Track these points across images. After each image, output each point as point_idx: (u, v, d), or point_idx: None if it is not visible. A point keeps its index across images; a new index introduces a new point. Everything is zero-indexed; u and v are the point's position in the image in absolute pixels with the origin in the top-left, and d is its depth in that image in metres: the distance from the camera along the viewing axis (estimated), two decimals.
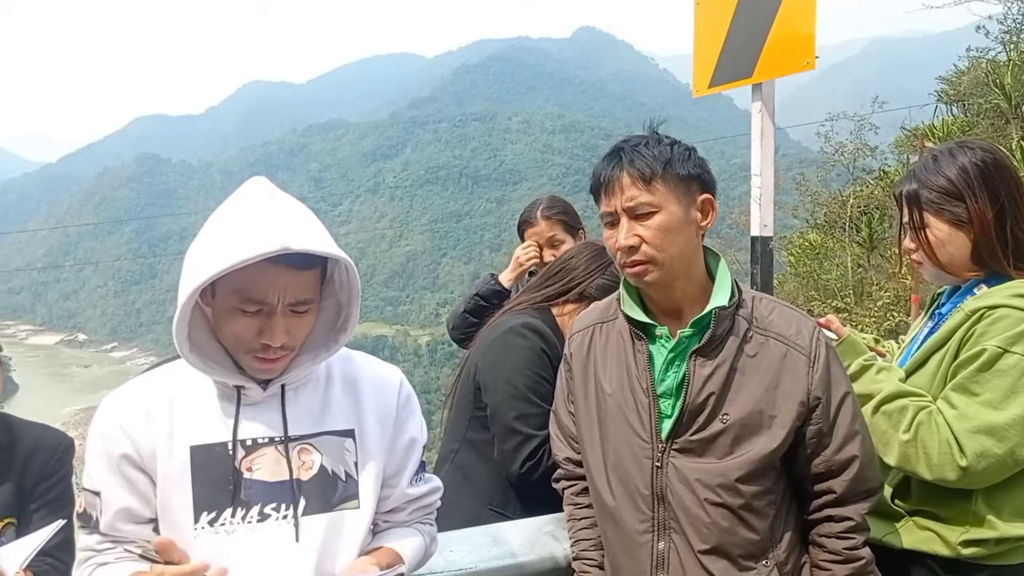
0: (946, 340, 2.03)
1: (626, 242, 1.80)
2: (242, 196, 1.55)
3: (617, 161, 1.85)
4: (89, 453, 1.59)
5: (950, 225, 2.07)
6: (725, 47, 3.20)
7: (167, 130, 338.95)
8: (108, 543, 1.58)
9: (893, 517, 2.13)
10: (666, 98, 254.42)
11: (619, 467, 1.91)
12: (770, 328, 1.85)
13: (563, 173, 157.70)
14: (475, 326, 3.36)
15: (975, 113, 19.54)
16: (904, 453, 1.96)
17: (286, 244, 1.41)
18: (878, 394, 2.02)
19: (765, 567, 1.83)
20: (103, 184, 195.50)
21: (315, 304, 1.58)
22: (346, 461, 1.64)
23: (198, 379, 1.60)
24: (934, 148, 2.20)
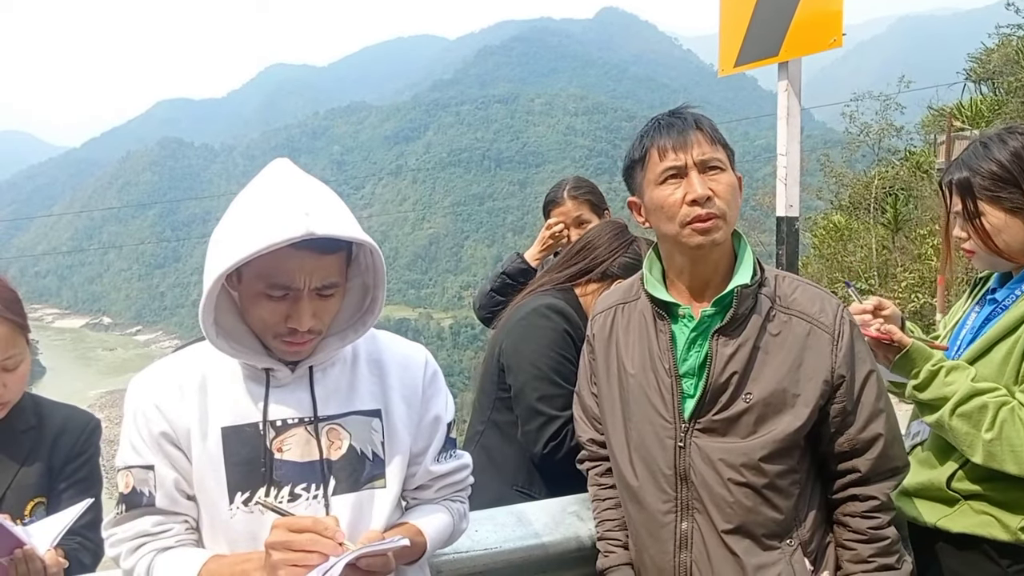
0: (1014, 328, 1.99)
1: (703, 191, 1.77)
2: (265, 179, 1.55)
3: (682, 120, 1.85)
4: (129, 430, 1.59)
5: (1006, 212, 2.03)
6: (751, 25, 3.16)
7: (189, 113, 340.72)
8: (164, 524, 1.58)
9: (948, 501, 2.10)
10: (690, 79, 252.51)
11: (642, 447, 1.90)
12: (793, 306, 1.84)
13: (586, 155, 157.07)
14: (501, 304, 3.36)
15: (1005, 91, 19.26)
16: (990, 452, 1.91)
17: (310, 229, 1.41)
18: (952, 396, 1.97)
19: (789, 546, 1.82)
20: (126, 168, 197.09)
21: (341, 287, 1.58)
22: (373, 441, 1.66)
23: (227, 360, 1.61)
24: (981, 134, 2.16)
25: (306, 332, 1.53)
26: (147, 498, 1.56)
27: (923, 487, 2.15)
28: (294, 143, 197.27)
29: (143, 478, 1.56)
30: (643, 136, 1.90)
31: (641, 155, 1.88)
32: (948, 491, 2.09)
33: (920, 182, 20.41)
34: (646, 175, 1.86)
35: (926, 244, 17.91)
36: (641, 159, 1.88)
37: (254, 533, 1.54)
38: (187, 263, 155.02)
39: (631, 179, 1.95)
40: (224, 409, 1.58)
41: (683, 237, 1.80)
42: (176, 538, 1.58)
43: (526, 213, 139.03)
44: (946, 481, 2.10)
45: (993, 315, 2.13)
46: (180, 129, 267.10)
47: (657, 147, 1.83)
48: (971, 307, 2.28)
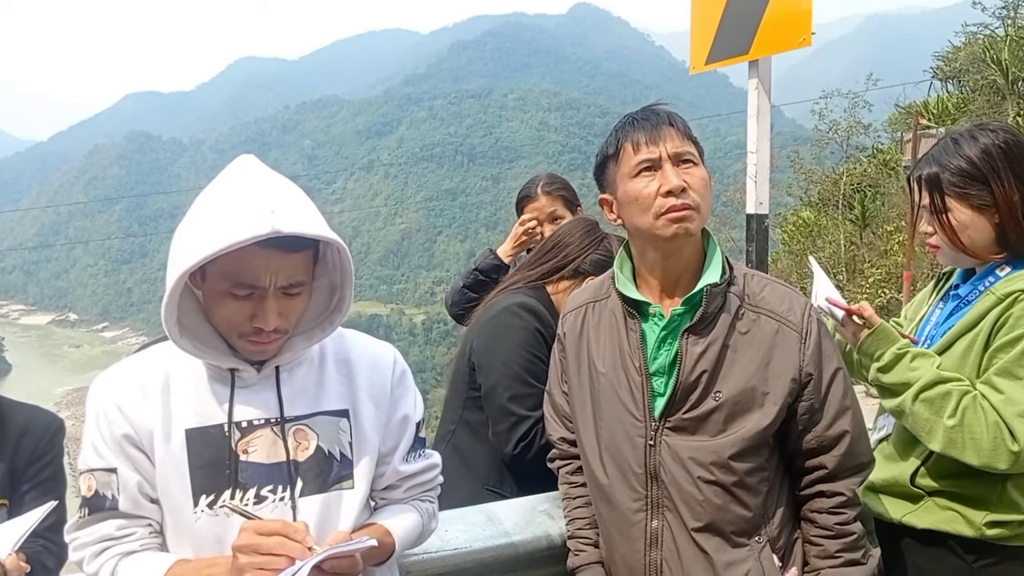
0: (975, 323, 2.01)
1: (678, 181, 1.78)
2: (230, 176, 1.52)
3: (656, 115, 1.87)
4: (91, 432, 1.56)
5: (973, 209, 2.04)
6: (722, 24, 3.18)
7: (158, 107, 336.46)
8: (128, 528, 1.55)
9: (912, 498, 2.12)
10: (662, 75, 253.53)
11: (612, 446, 1.91)
12: (762, 305, 1.85)
13: (559, 151, 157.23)
14: (474, 301, 3.35)
15: (971, 89, 19.54)
16: (950, 439, 1.93)
17: (276, 227, 1.39)
18: (916, 382, 1.99)
19: (758, 543, 1.83)
20: (94, 162, 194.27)
21: (308, 286, 1.56)
22: (341, 441, 1.64)
23: (191, 360, 1.58)
24: (953, 130, 2.17)
25: (272, 331, 1.50)
26: (110, 501, 1.53)
27: (888, 483, 2.17)
28: (264, 137, 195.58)
29: (106, 481, 1.53)
30: (616, 132, 1.91)
31: (615, 150, 1.89)
32: (912, 487, 2.11)
33: (887, 179, 20.68)
34: (620, 169, 1.87)
35: (893, 240, 18.15)
36: (615, 154, 1.89)
37: (219, 536, 1.52)
38: (154, 259, 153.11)
39: (603, 175, 1.96)
40: (188, 410, 1.55)
41: (657, 228, 1.80)
42: (140, 542, 1.55)
43: (499, 209, 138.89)
44: (910, 477, 2.11)
45: (956, 311, 2.15)
46: (148, 123, 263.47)
47: (631, 141, 1.85)
48: (935, 303, 2.30)
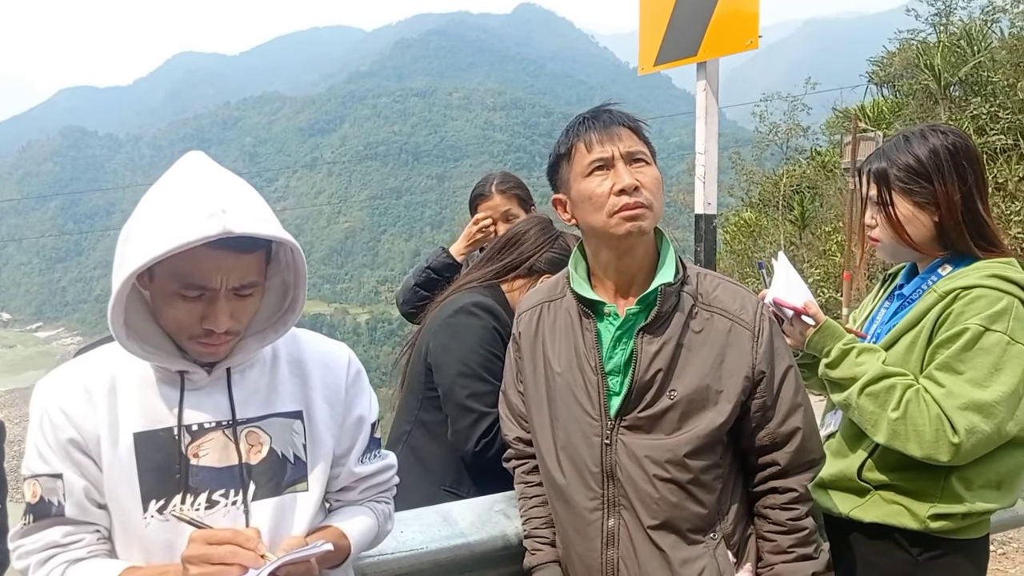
0: (918, 321, 2.07)
1: (631, 180, 1.80)
2: (178, 173, 1.48)
3: (608, 115, 1.89)
4: (35, 437, 1.51)
5: (915, 205, 2.12)
6: (670, 26, 3.22)
7: (94, 102, 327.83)
8: (75, 534, 1.50)
9: (859, 492, 2.17)
10: (606, 76, 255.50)
11: (569, 446, 1.91)
12: (715, 304, 1.87)
13: (504, 150, 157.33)
14: (425, 299, 3.32)
15: (905, 94, 20.05)
16: (893, 431, 1.98)
17: (227, 227, 1.35)
18: (862, 376, 2.04)
19: (713, 540, 1.86)
20: (27, 158, 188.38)
21: (260, 286, 1.52)
22: (294, 443, 1.61)
23: (138, 362, 1.54)
24: (906, 130, 2.24)
25: (223, 334, 1.47)
26: (56, 508, 1.48)
27: (835, 478, 2.21)
28: (204, 133, 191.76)
29: (51, 487, 1.48)
30: (568, 132, 1.92)
31: (567, 150, 1.90)
32: (859, 481, 2.16)
33: (825, 181, 21.10)
34: (572, 169, 1.88)
35: (831, 241, 18.52)
36: (567, 154, 1.90)
37: (170, 542, 1.48)
38: (90, 257, 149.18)
39: (556, 176, 1.96)
40: (136, 414, 1.51)
41: (611, 227, 1.82)
42: (87, 548, 1.50)
43: (444, 207, 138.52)
44: (856, 471, 2.16)
45: (901, 309, 2.22)
46: (84, 118, 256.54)
47: (584, 140, 1.86)
48: (881, 302, 2.36)
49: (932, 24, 19.49)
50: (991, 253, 2.11)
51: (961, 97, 17.17)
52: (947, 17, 19.23)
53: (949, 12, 19.25)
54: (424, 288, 3.37)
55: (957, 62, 16.75)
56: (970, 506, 2.04)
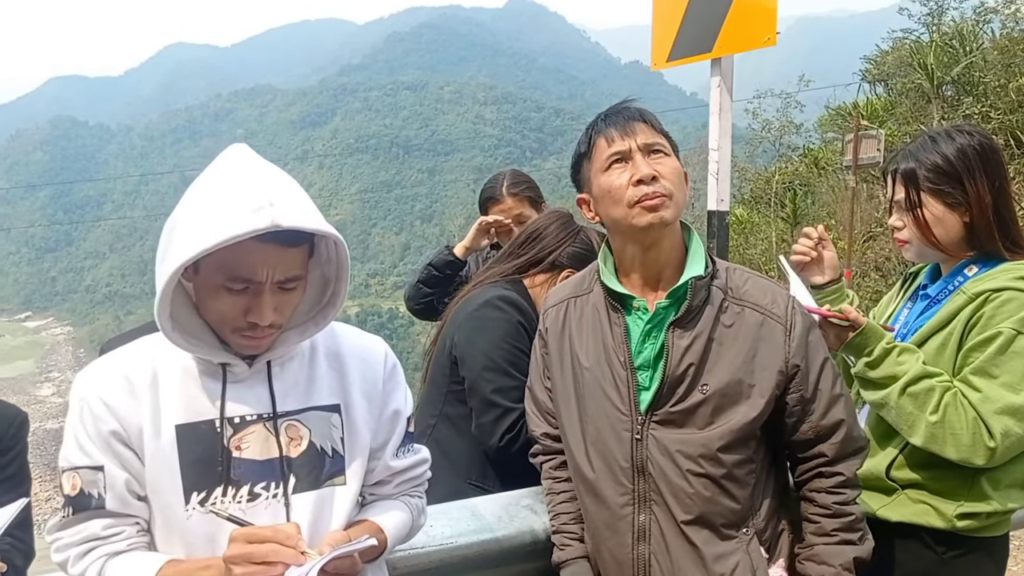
0: (947, 322, 2.08)
1: (648, 170, 1.80)
2: (224, 165, 1.48)
3: (627, 111, 1.90)
4: (76, 428, 1.50)
5: (945, 206, 2.12)
6: (684, 20, 3.21)
7: (84, 91, 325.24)
8: (115, 527, 1.50)
9: (886, 491, 2.18)
10: (598, 71, 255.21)
11: (598, 441, 1.91)
12: (745, 298, 1.87)
13: (495, 144, 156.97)
14: (429, 296, 3.34)
15: (898, 92, 20.12)
16: (932, 434, 1.99)
17: (275, 221, 1.36)
18: (903, 375, 2.04)
19: (745, 535, 1.85)
20: (15, 147, 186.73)
21: (303, 280, 1.53)
22: (333, 437, 1.61)
23: (179, 354, 1.54)
24: (930, 130, 2.24)
25: (267, 327, 1.47)
26: (96, 500, 1.47)
27: (862, 477, 2.16)
28: (195, 125, 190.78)
29: (92, 479, 1.47)
30: (589, 130, 1.93)
31: (587, 148, 1.91)
32: (887, 480, 2.16)
33: (818, 178, 21.17)
34: (592, 165, 1.89)
35: None
36: (587, 152, 1.91)
37: (212, 535, 1.48)
38: (80, 247, 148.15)
39: (578, 176, 1.97)
40: (177, 406, 1.51)
41: (632, 218, 1.82)
42: (128, 541, 1.50)
43: (435, 201, 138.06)
44: (885, 469, 2.17)
45: (927, 310, 2.22)
46: (74, 107, 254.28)
47: (603, 136, 1.87)
48: (903, 303, 2.36)
49: (925, 24, 19.58)
50: (1017, 254, 2.11)
51: (953, 96, 17.26)
52: (939, 17, 19.32)
53: (941, 12, 19.34)
54: (427, 285, 3.41)
55: (949, 62, 16.85)
56: (997, 505, 2.05)
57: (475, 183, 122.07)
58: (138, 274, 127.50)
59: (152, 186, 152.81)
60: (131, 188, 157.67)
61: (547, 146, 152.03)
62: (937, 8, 19.28)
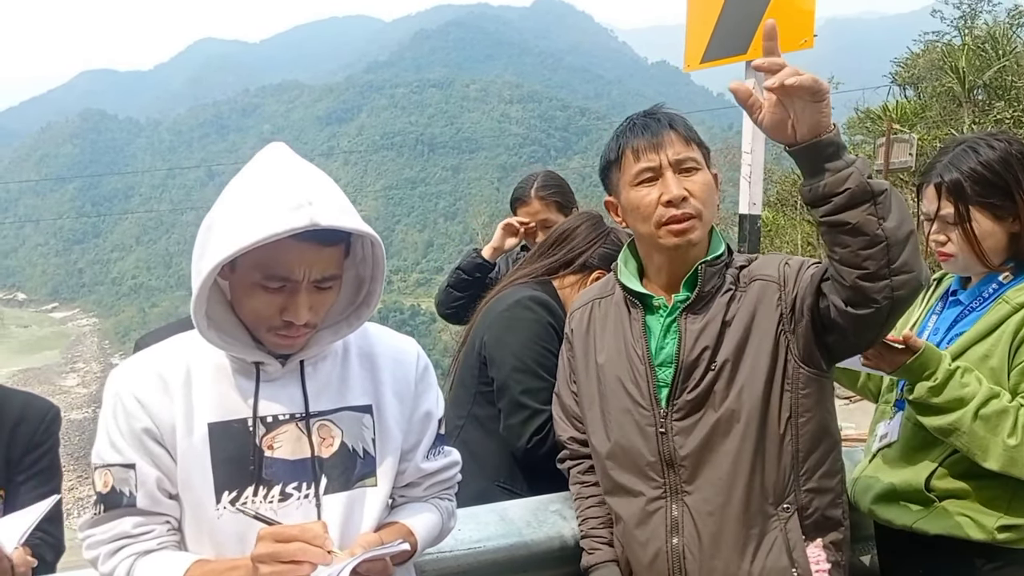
0: (990, 331, 2.03)
1: (679, 191, 1.78)
2: (263, 164, 1.48)
3: (656, 121, 1.86)
4: (109, 425, 1.51)
5: (995, 218, 2.06)
6: (720, 22, 3.18)
7: (114, 85, 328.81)
8: (146, 525, 1.50)
9: (923, 503, 2.12)
10: (624, 70, 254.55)
11: (623, 438, 1.90)
12: (754, 274, 1.87)
13: (520, 143, 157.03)
14: (460, 300, 3.34)
15: (928, 96, 19.92)
16: (1011, 458, 1.92)
17: (314, 220, 1.36)
18: (972, 398, 1.95)
19: (786, 512, 1.82)
20: (46, 139, 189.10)
21: (339, 280, 1.52)
22: (364, 437, 1.61)
23: (212, 353, 1.54)
24: (964, 138, 2.17)
25: (302, 326, 1.47)
26: (127, 498, 1.47)
27: (897, 489, 2.16)
28: (223, 120, 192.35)
29: (123, 477, 1.48)
30: (618, 137, 1.91)
31: (616, 156, 1.89)
32: (925, 492, 2.10)
33: None
34: (622, 176, 1.87)
35: None
36: (617, 160, 1.89)
37: (242, 534, 1.48)
38: (107, 239, 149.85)
39: (607, 179, 1.96)
40: (211, 404, 1.51)
41: (659, 238, 1.82)
42: (158, 540, 1.50)
43: (459, 199, 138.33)
44: (924, 481, 2.10)
45: (962, 317, 2.16)
46: (103, 101, 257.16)
47: (632, 148, 1.84)
48: (930, 309, 2.30)
49: (956, 27, 19.36)
50: None
51: (985, 101, 17.07)
52: (972, 20, 19.10)
53: (974, 15, 19.12)
54: (457, 289, 3.42)
55: (982, 66, 16.66)
56: None
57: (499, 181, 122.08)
58: (163, 267, 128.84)
59: (179, 180, 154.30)
60: (158, 182, 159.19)
61: (572, 145, 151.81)
62: (970, 11, 19.07)
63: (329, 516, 1.53)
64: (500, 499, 2.33)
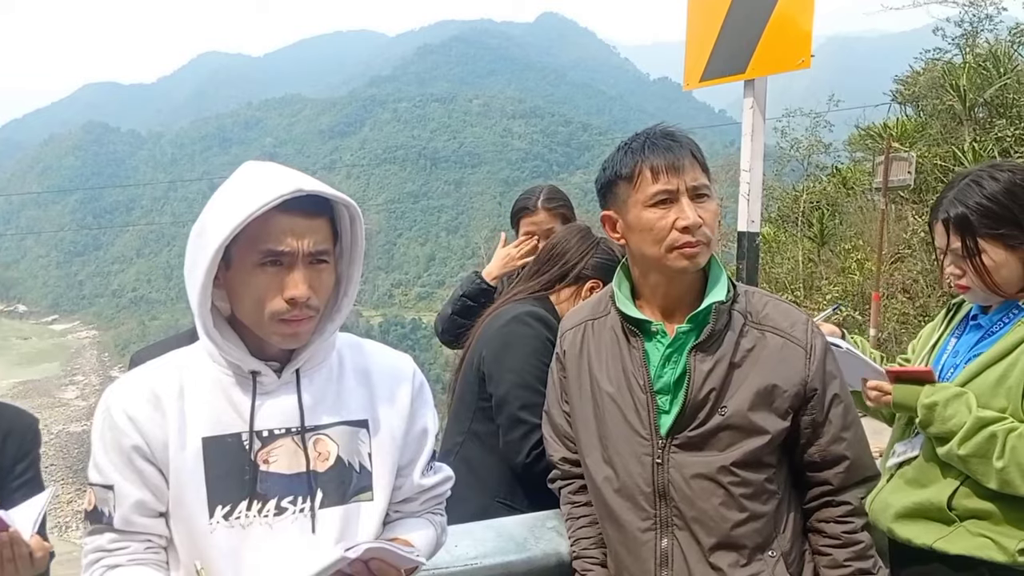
0: (1007, 353, 2.04)
1: (696, 219, 1.78)
2: (243, 170, 1.55)
3: (677, 144, 1.84)
4: (96, 443, 1.53)
5: (1006, 248, 2.06)
6: (719, 41, 3.21)
7: (117, 98, 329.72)
8: (121, 541, 1.52)
9: (945, 522, 2.11)
10: (626, 87, 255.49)
11: (619, 465, 1.90)
12: (766, 322, 1.86)
13: (522, 158, 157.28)
14: (464, 327, 3.31)
15: (928, 114, 19.95)
16: (1004, 480, 1.94)
17: (299, 186, 1.44)
18: (957, 430, 2.00)
19: (772, 558, 1.83)
20: (48, 152, 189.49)
21: (331, 260, 1.55)
22: (360, 452, 1.62)
23: (207, 368, 1.56)
24: (968, 172, 2.18)
25: (304, 307, 1.48)
26: (107, 517, 1.51)
27: (918, 507, 2.16)
28: (225, 133, 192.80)
29: (103, 497, 1.51)
30: (632, 152, 1.87)
31: (630, 172, 1.85)
32: (947, 511, 2.09)
33: (846, 198, 21.01)
34: (634, 194, 1.84)
35: (850, 258, 18.43)
36: (629, 176, 1.85)
37: (235, 549, 1.49)
38: (108, 251, 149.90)
39: (610, 193, 1.92)
40: (204, 418, 1.52)
41: (669, 260, 1.81)
42: (129, 556, 1.51)
43: (461, 213, 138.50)
44: (947, 500, 2.10)
45: (982, 340, 2.17)
46: (106, 114, 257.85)
47: (650, 167, 1.82)
48: (950, 333, 2.31)
49: (958, 45, 19.42)
50: None
51: (986, 119, 17.07)
52: (973, 38, 19.16)
53: (975, 33, 19.18)
54: (461, 316, 3.34)
55: (983, 83, 16.66)
56: None
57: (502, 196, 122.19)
58: (164, 279, 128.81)
59: (181, 192, 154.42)
60: (160, 194, 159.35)
61: (574, 160, 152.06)
62: (971, 30, 19.12)
63: (325, 530, 1.54)
64: (501, 515, 2.33)
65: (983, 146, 14.86)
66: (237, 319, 1.57)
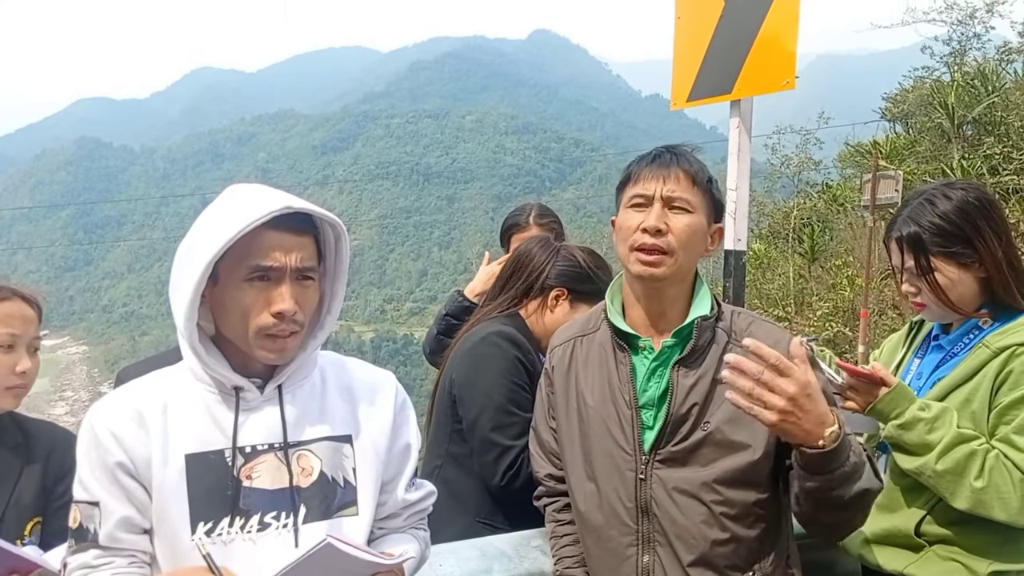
0: (970, 376, 2.03)
1: (655, 222, 1.80)
2: (229, 192, 1.58)
3: (673, 156, 1.88)
4: (82, 462, 1.54)
5: (959, 267, 2.07)
6: (705, 62, 3.23)
7: (110, 113, 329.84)
8: (105, 557, 1.52)
9: (913, 548, 2.11)
10: (618, 103, 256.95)
11: (602, 480, 1.90)
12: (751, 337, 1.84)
13: (514, 174, 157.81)
14: (449, 347, 3.32)
15: (918, 131, 20.10)
16: (978, 500, 1.93)
17: (288, 204, 1.47)
18: (938, 443, 1.98)
19: None
20: (40, 167, 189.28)
21: (316, 279, 1.58)
22: (344, 467, 1.63)
23: (192, 386, 1.58)
24: (922, 190, 2.18)
25: (291, 322, 1.50)
26: (92, 534, 1.51)
27: (887, 533, 2.15)
28: (218, 148, 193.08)
29: (89, 514, 1.52)
30: (637, 161, 1.95)
31: (626, 177, 1.94)
32: (915, 537, 2.09)
33: (836, 215, 21.13)
34: (622, 197, 1.92)
35: (840, 275, 18.51)
36: (625, 180, 1.93)
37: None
38: (99, 267, 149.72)
39: (616, 198, 1.99)
40: (188, 435, 1.53)
41: (628, 262, 1.86)
42: (113, 571, 1.52)
43: (453, 228, 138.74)
44: (915, 527, 2.10)
45: (944, 362, 2.17)
46: (99, 129, 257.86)
47: (639, 173, 1.89)
48: (913, 354, 2.31)
49: (946, 63, 19.60)
50: None
51: (974, 136, 17.21)
52: (961, 57, 19.35)
53: (963, 52, 19.37)
54: (447, 335, 3.33)
55: (971, 101, 16.80)
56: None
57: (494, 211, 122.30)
58: (155, 295, 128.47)
59: (172, 207, 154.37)
60: (151, 209, 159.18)
61: (566, 176, 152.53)
62: (959, 48, 19.31)
63: (308, 545, 1.52)
64: (482, 535, 2.32)
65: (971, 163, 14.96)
66: (222, 336, 1.59)
